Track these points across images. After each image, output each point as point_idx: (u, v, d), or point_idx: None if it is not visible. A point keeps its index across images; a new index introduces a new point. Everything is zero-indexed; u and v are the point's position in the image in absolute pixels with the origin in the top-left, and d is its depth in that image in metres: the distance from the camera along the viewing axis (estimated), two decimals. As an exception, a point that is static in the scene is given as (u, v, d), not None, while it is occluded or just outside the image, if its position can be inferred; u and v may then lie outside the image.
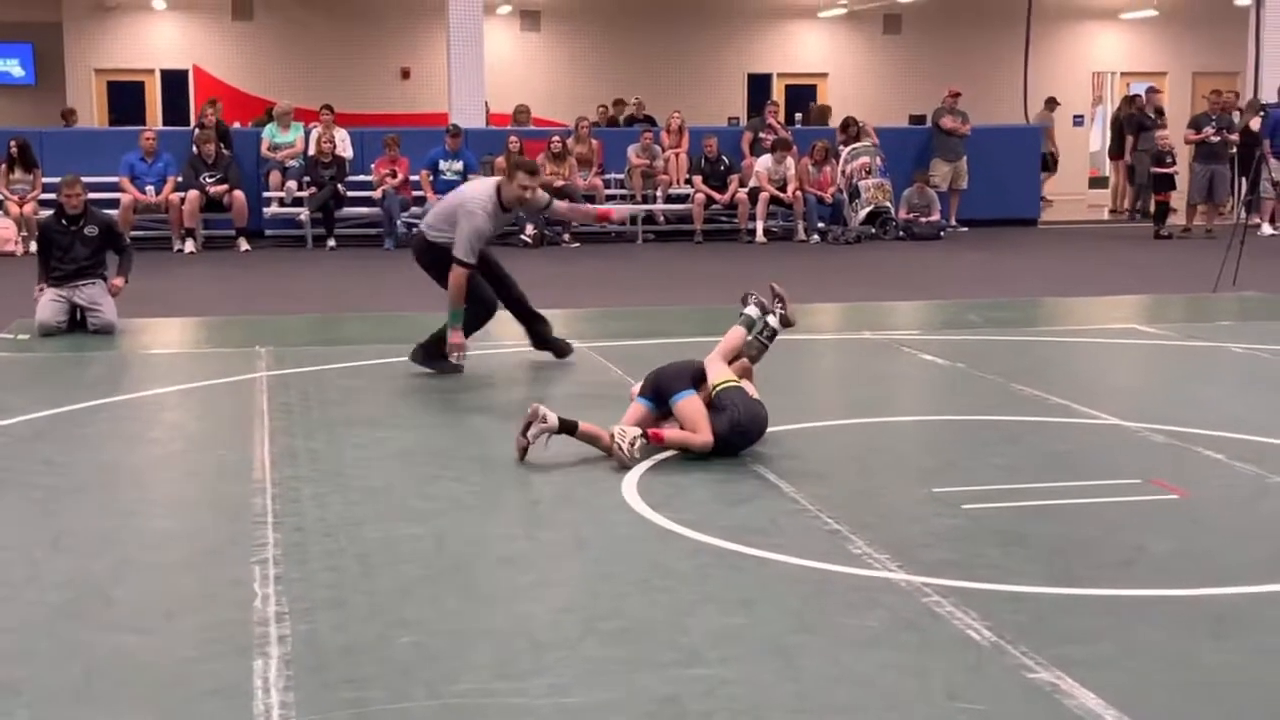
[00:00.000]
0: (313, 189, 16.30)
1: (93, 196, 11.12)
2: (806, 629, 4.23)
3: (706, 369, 6.38)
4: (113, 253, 10.25)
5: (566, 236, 16.40)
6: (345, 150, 16.80)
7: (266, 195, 16.65)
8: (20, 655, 4.06)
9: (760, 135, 17.92)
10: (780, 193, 16.96)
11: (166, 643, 4.15)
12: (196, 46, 23.05)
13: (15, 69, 23.48)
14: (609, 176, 17.56)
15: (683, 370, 6.39)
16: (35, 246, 10.73)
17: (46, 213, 11.80)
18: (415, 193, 16.53)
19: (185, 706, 3.71)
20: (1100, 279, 13.36)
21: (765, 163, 17.08)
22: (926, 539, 5.11)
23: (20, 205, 15.54)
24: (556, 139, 16.98)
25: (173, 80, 23.08)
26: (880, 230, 17.14)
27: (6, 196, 15.66)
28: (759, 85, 24.36)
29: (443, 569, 4.81)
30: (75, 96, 22.18)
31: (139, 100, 23.01)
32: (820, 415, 7.24)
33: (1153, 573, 4.80)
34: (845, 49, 24.95)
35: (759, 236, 16.83)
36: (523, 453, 6.13)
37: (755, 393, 6.40)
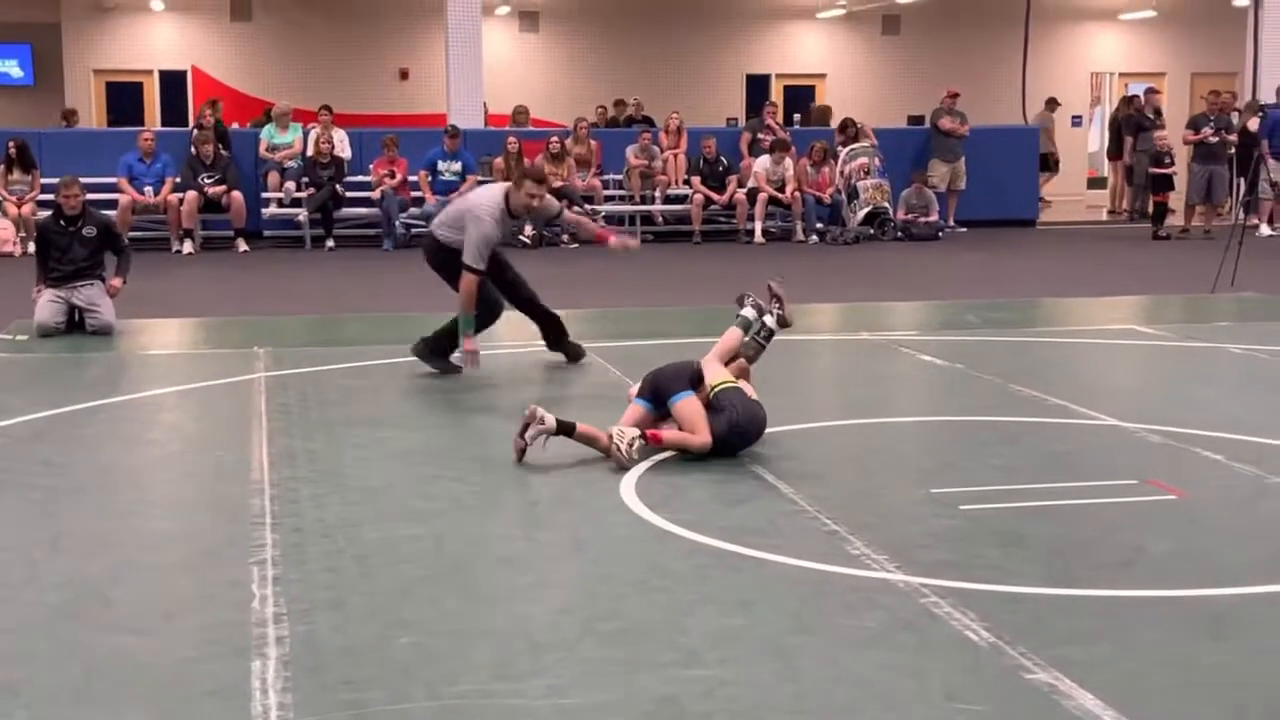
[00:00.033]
0: (311, 190, 16.29)
1: (91, 197, 11.12)
2: (805, 630, 4.23)
3: (703, 370, 6.39)
4: (111, 253, 10.26)
5: (565, 237, 16.41)
6: (344, 151, 16.79)
7: (265, 196, 16.63)
8: (19, 656, 4.06)
9: (759, 136, 17.92)
10: (779, 193, 16.96)
11: (165, 644, 4.15)
12: (195, 47, 23.05)
13: (14, 70, 23.48)
14: (607, 177, 17.56)
15: (681, 371, 6.39)
16: (34, 247, 10.72)
17: (45, 213, 11.82)
18: (414, 193, 16.53)
19: (184, 707, 3.72)
20: (1098, 280, 13.36)
21: (764, 163, 17.08)
22: (925, 540, 5.11)
23: (19, 206, 15.53)
24: (555, 140, 16.97)
25: (171, 81, 23.08)
26: (878, 231, 17.14)
27: (5, 197, 15.64)
28: (757, 86, 24.36)
29: (441, 570, 4.81)
30: (74, 97, 22.17)
31: (137, 101, 23.00)
32: (819, 416, 7.25)
33: (1151, 573, 4.81)
34: (844, 50, 24.96)
35: (757, 237, 16.83)
36: (521, 454, 6.14)
37: (753, 393, 6.40)
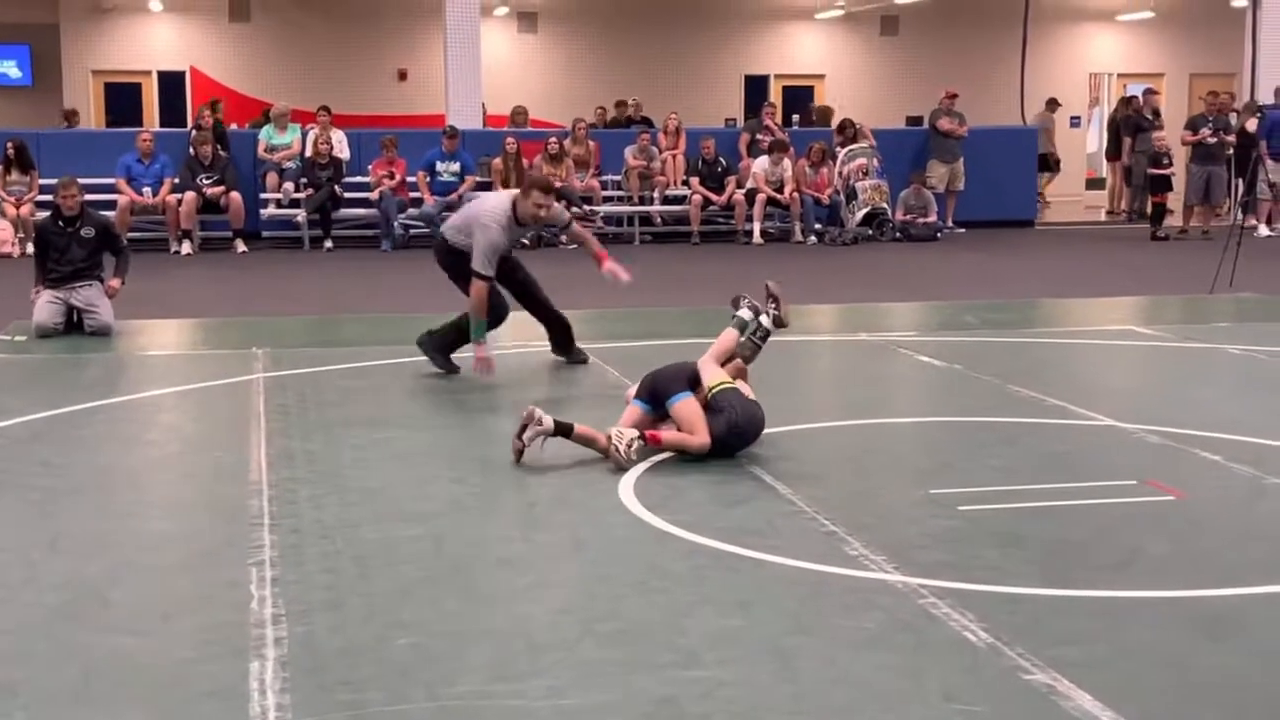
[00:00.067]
0: (310, 190, 16.29)
1: (90, 198, 11.11)
2: (803, 630, 4.24)
3: (700, 371, 6.39)
4: (110, 254, 10.26)
5: (563, 238, 16.39)
6: (342, 151, 16.79)
7: (263, 197, 16.62)
8: (17, 657, 4.06)
9: (757, 137, 17.93)
10: (777, 194, 16.96)
11: (163, 644, 4.15)
12: (193, 48, 23.04)
13: (12, 70, 23.47)
14: (606, 178, 17.55)
15: (679, 372, 6.40)
16: (32, 248, 10.72)
17: (43, 214, 11.81)
18: (412, 194, 16.53)
19: (182, 708, 3.72)
20: (1097, 280, 13.36)
21: (762, 164, 17.09)
22: (923, 540, 5.11)
23: (17, 207, 15.52)
24: (554, 140, 16.97)
25: (170, 82, 23.07)
26: (877, 231, 17.13)
27: (3, 198, 15.64)
28: (756, 86, 24.36)
29: (440, 571, 4.81)
30: (72, 98, 22.17)
31: (136, 102, 23.00)
32: (817, 417, 7.25)
33: (1149, 574, 4.81)
34: (842, 50, 24.96)
35: (756, 238, 16.83)
36: (518, 455, 6.14)
37: (751, 393, 6.40)
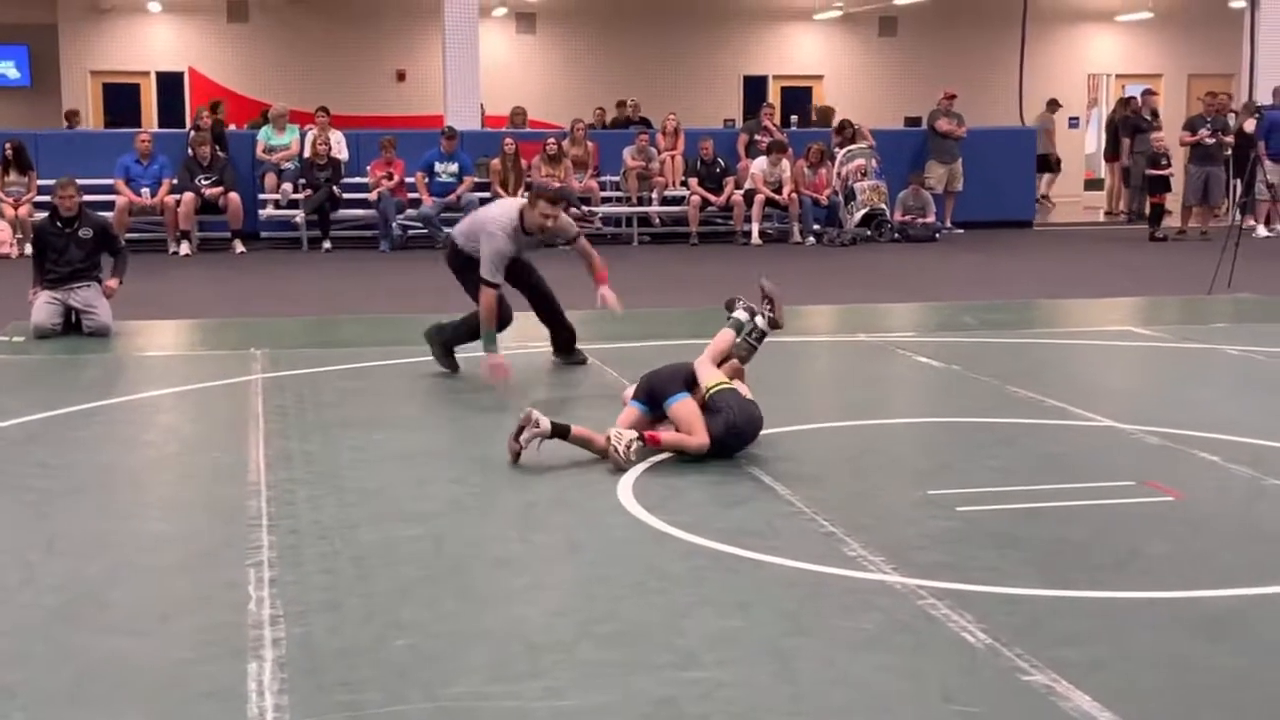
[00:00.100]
0: (308, 191, 16.28)
1: (88, 199, 11.12)
2: (802, 631, 4.23)
3: (696, 372, 6.38)
4: (108, 255, 10.25)
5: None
6: (341, 152, 16.78)
7: (262, 197, 16.61)
8: (15, 658, 4.05)
9: (756, 137, 17.93)
10: (776, 195, 16.96)
11: (161, 645, 4.14)
12: (192, 49, 23.04)
13: (11, 71, 23.47)
14: (605, 178, 17.55)
15: (676, 373, 6.39)
16: (30, 249, 10.71)
17: (42, 215, 11.80)
18: (411, 195, 16.53)
19: (180, 709, 3.71)
20: (1095, 281, 13.36)
21: (761, 165, 17.09)
22: (921, 541, 5.11)
23: (15, 207, 15.51)
24: (552, 141, 16.97)
25: (168, 82, 23.07)
26: (876, 232, 17.13)
27: (2, 199, 15.63)
28: (754, 87, 24.37)
29: (438, 571, 4.81)
30: (71, 98, 22.17)
31: (134, 102, 23.00)
32: (816, 417, 7.24)
33: (1148, 575, 4.81)
34: (841, 51, 24.97)
35: (754, 238, 16.83)
36: (515, 457, 6.14)
37: (748, 393, 6.40)
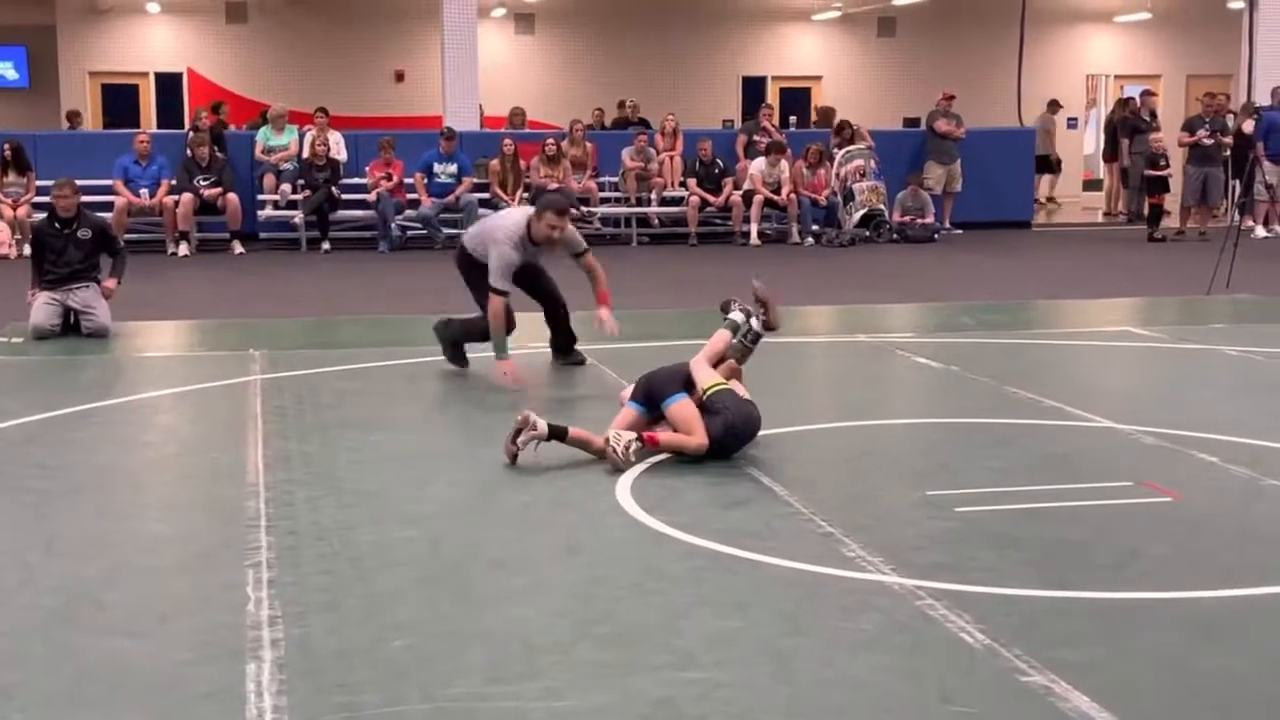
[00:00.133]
0: (307, 192, 16.27)
1: (87, 199, 11.12)
2: (800, 632, 4.24)
3: (693, 372, 6.38)
4: (107, 256, 10.25)
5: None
6: (339, 153, 16.78)
7: (261, 198, 16.60)
8: (13, 659, 4.05)
9: (754, 138, 17.92)
10: (774, 195, 16.96)
11: (160, 647, 4.14)
12: (191, 49, 23.05)
13: (9, 72, 23.49)
14: (603, 179, 17.55)
15: (674, 374, 6.40)
16: (29, 250, 10.71)
17: (40, 216, 11.80)
18: (409, 195, 16.53)
19: (178, 710, 3.71)
20: (1094, 281, 13.36)
21: (759, 165, 17.09)
22: (920, 542, 5.11)
23: (14, 208, 15.51)
24: (551, 142, 16.97)
25: (167, 83, 23.08)
26: (874, 233, 17.13)
27: (1, 200, 15.62)
28: (753, 88, 24.38)
29: (436, 572, 4.81)
30: (69, 99, 22.18)
31: (133, 103, 23.00)
32: (814, 418, 7.25)
33: (1146, 576, 4.81)
34: (839, 52, 24.98)
35: (753, 239, 16.83)
36: (513, 459, 6.14)
37: (745, 393, 6.40)
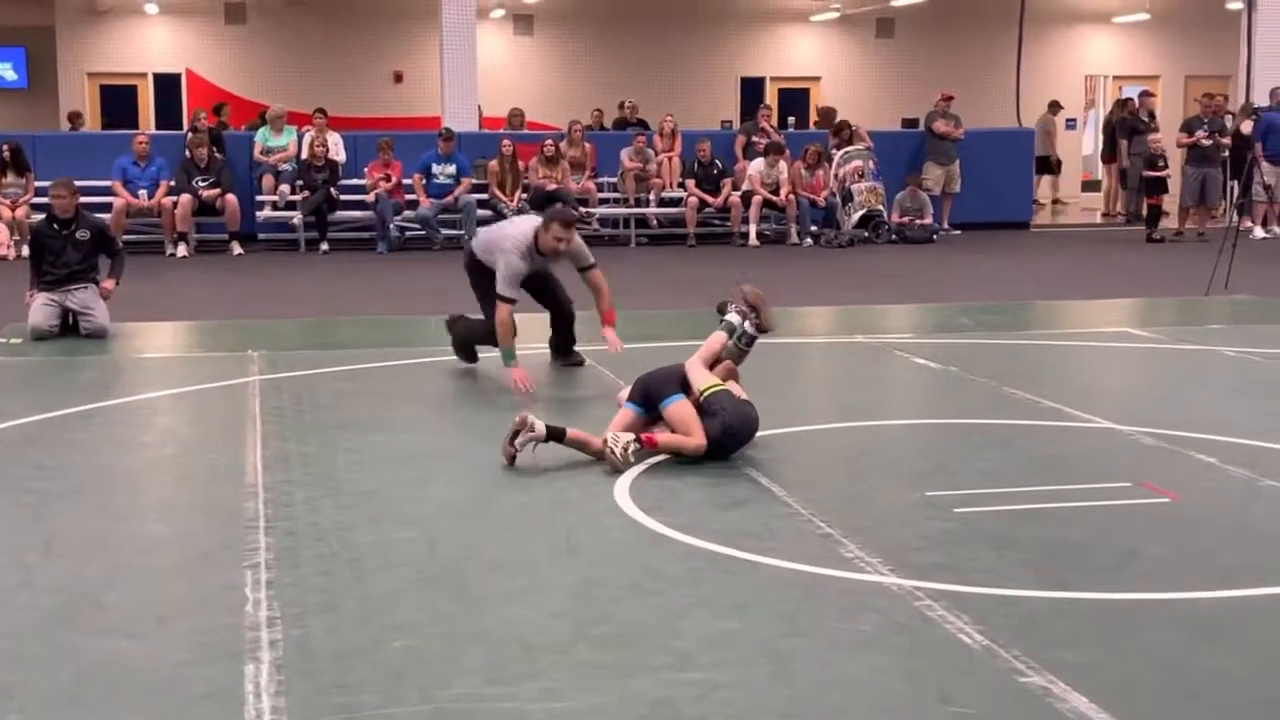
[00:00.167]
0: (306, 193, 16.27)
1: (85, 200, 11.11)
2: (799, 633, 4.24)
3: (688, 374, 6.38)
4: (105, 257, 10.25)
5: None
6: (338, 154, 16.78)
7: (259, 199, 16.60)
8: (12, 660, 4.05)
9: (753, 139, 17.92)
10: (773, 196, 16.96)
11: (158, 647, 4.14)
12: (189, 50, 23.05)
13: (8, 73, 23.48)
14: (602, 180, 17.55)
15: (672, 374, 6.40)
16: (28, 251, 10.71)
17: (39, 217, 11.80)
18: (408, 196, 16.53)
19: (177, 711, 3.71)
20: (1092, 282, 13.36)
21: (758, 166, 17.09)
22: (918, 542, 5.11)
23: (13, 209, 15.50)
24: (549, 142, 16.97)
25: (165, 84, 23.08)
26: (873, 234, 17.13)
27: (-1, 200, 15.65)
28: (752, 89, 24.38)
29: (435, 573, 4.81)
30: (68, 100, 22.17)
31: (131, 104, 23.00)
32: (813, 419, 7.25)
33: (1144, 576, 4.81)
34: (838, 52, 24.98)
35: (752, 240, 16.84)
36: (510, 460, 6.14)
37: (742, 393, 6.40)
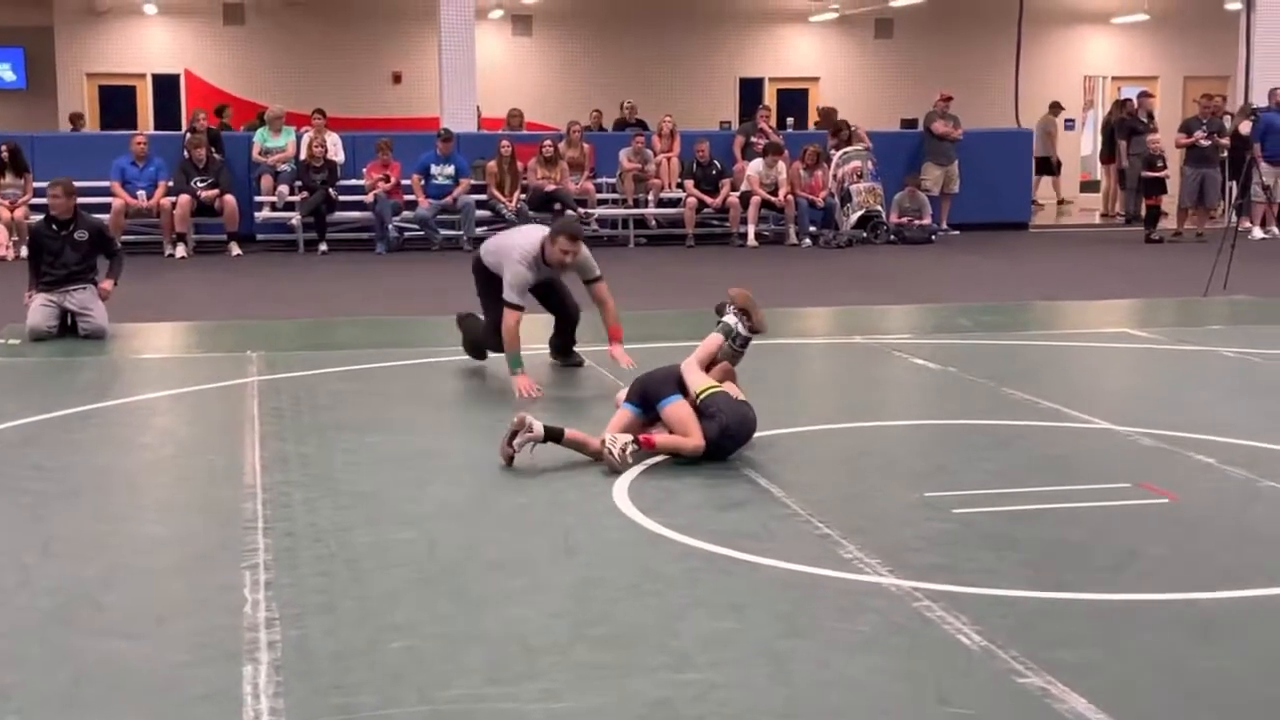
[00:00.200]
0: (304, 193, 16.26)
1: (84, 201, 11.11)
2: (797, 633, 4.24)
3: (684, 376, 6.37)
4: (104, 257, 10.25)
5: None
6: (337, 154, 16.78)
7: (258, 200, 16.60)
8: (10, 661, 4.05)
9: (752, 139, 17.92)
10: (772, 197, 16.96)
11: (157, 648, 4.14)
12: (188, 51, 23.04)
13: (6, 73, 23.46)
14: (600, 180, 17.55)
15: (669, 375, 6.40)
16: (26, 251, 10.70)
17: (38, 217, 11.79)
18: (407, 197, 16.52)
19: (175, 712, 3.71)
20: (1091, 283, 13.36)
21: (757, 167, 17.09)
22: (917, 543, 5.11)
23: (11, 210, 15.49)
24: (548, 143, 16.97)
25: (164, 85, 23.07)
26: (872, 234, 17.13)
27: (-2, 201, 15.64)
28: (750, 89, 24.38)
29: (433, 574, 4.81)
30: (67, 101, 22.16)
31: (130, 105, 22.99)
32: (811, 419, 7.25)
33: (1143, 577, 4.81)
34: (837, 53, 24.99)
35: (750, 240, 16.84)
36: (508, 461, 6.14)
37: (740, 394, 6.40)
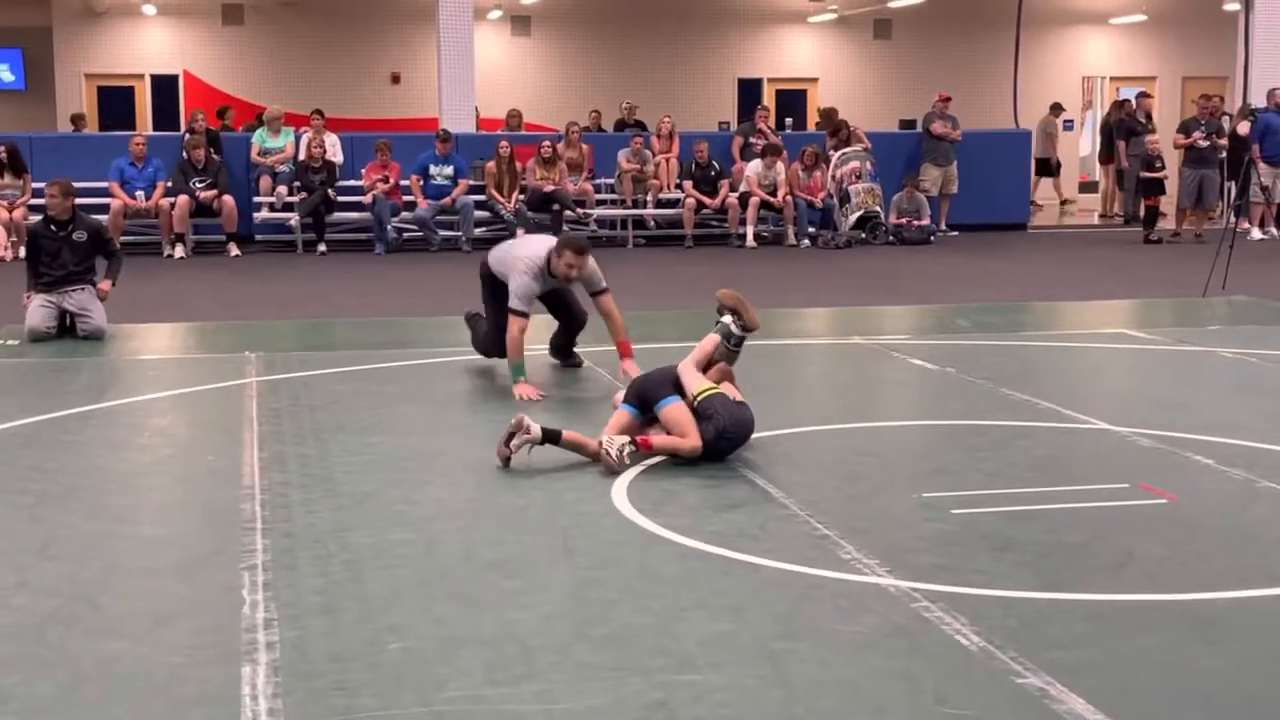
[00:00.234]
0: (303, 194, 16.27)
1: (82, 202, 11.10)
2: (795, 634, 4.23)
3: (681, 377, 6.37)
4: (102, 258, 10.25)
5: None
6: (336, 155, 16.79)
7: (257, 200, 16.61)
8: (9, 662, 4.04)
9: (750, 140, 17.93)
10: (770, 198, 16.97)
11: (155, 650, 4.14)
12: (187, 51, 23.04)
13: (5, 74, 23.46)
14: (599, 181, 17.56)
15: (667, 377, 6.40)
16: (25, 252, 10.70)
17: (36, 218, 11.79)
18: (406, 197, 16.53)
19: (173, 713, 3.71)
20: (1090, 283, 13.37)
21: (755, 167, 17.09)
22: (916, 544, 5.11)
23: (10, 211, 15.49)
24: (547, 144, 16.97)
25: (163, 85, 23.07)
26: (870, 235, 17.14)
27: (-4, 202, 15.64)
28: (749, 90, 24.39)
29: (432, 575, 4.80)
30: (65, 101, 22.16)
31: (129, 105, 22.99)
32: (810, 420, 7.25)
33: (1142, 578, 4.81)
34: (836, 54, 25.00)
35: (749, 241, 16.84)
36: (505, 462, 6.14)
37: (738, 394, 6.40)
